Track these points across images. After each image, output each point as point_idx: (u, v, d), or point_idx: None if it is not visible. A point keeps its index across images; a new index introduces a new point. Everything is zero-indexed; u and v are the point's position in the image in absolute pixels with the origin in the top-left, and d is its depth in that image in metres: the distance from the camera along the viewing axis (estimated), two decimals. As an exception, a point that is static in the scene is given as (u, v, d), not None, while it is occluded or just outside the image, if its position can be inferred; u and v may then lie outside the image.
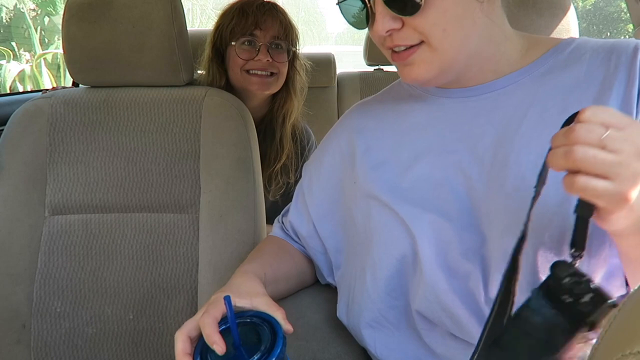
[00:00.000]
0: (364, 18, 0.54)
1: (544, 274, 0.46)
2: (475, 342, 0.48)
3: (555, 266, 0.40)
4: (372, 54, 1.69)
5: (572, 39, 0.55)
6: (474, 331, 0.50)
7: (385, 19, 0.50)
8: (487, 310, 0.50)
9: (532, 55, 0.55)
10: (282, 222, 0.74)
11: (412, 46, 0.51)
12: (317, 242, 0.67)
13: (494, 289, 0.49)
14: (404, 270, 0.55)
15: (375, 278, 0.56)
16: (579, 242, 0.40)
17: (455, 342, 0.52)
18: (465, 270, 0.51)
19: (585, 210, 0.39)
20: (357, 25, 0.55)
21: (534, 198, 0.42)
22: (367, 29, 0.55)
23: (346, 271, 0.63)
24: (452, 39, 0.50)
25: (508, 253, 0.42)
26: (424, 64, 0.52)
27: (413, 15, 0.49)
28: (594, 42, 0.54)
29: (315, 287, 0.74)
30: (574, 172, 0.37)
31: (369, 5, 0.52)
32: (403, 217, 0.54)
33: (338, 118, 1.92)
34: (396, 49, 0.52)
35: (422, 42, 0.51)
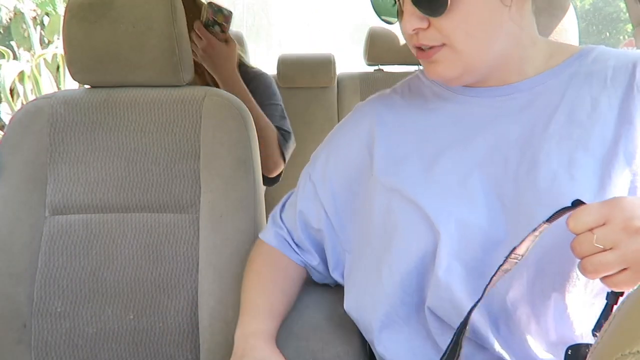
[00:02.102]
0: (395, 14, 0.55)
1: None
2: (483, 345, 0.48)
3: (572, 349, 0.43)
4: (372, 54, 1.69)
5: (592, 47, 0.57)
6: (483, 333, 0.51)
7: (412, 18, 0.51)
8: (500, 316, 0.51)
9: (556, 59, 0.56)
10: (282, 220, 0.71)
11: (434, 46, 0.52)
12: (331, 233, 0.66)
13: (513, 293, 0.50)
14: (422, 266, 0.55)
15: (392, 273, 0.56)
16: (601, 325, 0.43)
17: (463, 342, 0.52)
18: (484, 271, 0.51)
19: (612, 299, 0.44)
20: (387, 20, 0.57)
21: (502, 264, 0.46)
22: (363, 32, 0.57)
23: (358, 264, 0.62)
24: (475, 42, 0.51)
25: (529, 255, 0.45)
26: (447, 63, 0.53)
27: (438, 17, 0.50)
28: (616, 51, 0.56)
29: (315, 287, 0.74)
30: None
31: (399, 2, 0.53)
32: (428, 212, 0.53)
33: (338, 118, 1.93)
34: (422, 47, 0.54)
35: (444, 44, 0.52)
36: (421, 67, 2.00)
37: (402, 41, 1.66)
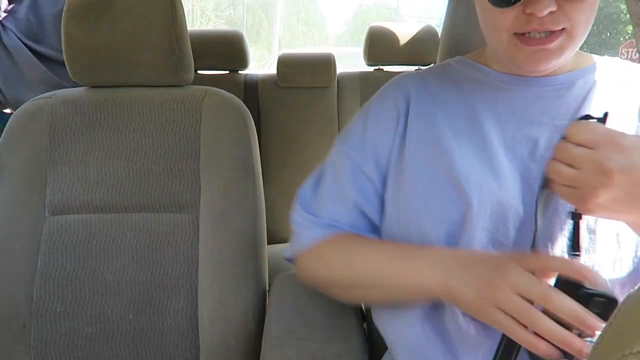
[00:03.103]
0: None
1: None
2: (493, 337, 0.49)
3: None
4: (372, 54, 1.69)
5: (606, 57, 0.61)
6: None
7: None
8: None
9: (582, 62, 0.59)
10: (317, 213, 0.65)
11: (553, 32, 0.51)
12: (362, 221, 0.64)
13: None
14: (452, 236, 0.55)
15: (424, 238, 0.57)
16: (575, 244, 0.48)
17: (475, 326, 0.53)
18: (511, 249, 0.52)
19: (574, 215, 0.48)
20: (498, 3, 0.51)
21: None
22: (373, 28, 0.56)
23: (393, 232, 0.61)
24: (586, 30, 0.52)
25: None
26: (559, 53, 0.52)
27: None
28: (631, 63, 0.61)
29: (316, 288, 0.74)
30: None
31: None
32: (462, 183, 0.54)
33: (338, 118, 1.93)
34: (531, 34, 0.51)
35: (564, 29, 0.51)
36: (421, 67, 2.01)
37: (402, 41, 1.66)
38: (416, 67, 1.74)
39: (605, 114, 0.46)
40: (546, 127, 0.55)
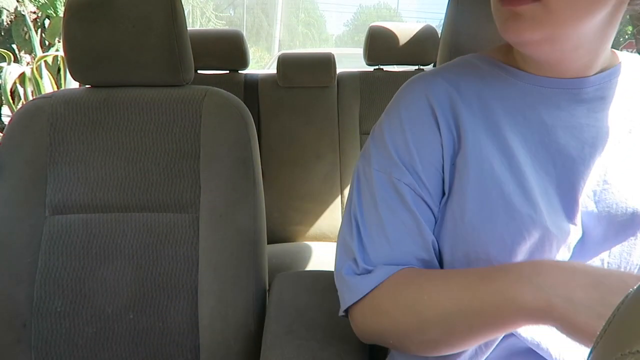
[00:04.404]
0: None
1: None
2: None
3: None
4: (372, 53, 1.69)
5: (624, 52, 0.59)
6: None
7: None
8: None
9: (613, 60, 0.57)
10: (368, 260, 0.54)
11: None
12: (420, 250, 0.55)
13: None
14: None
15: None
16: None
17: None
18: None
19: None
20: None
21: None
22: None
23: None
24: (576, 9, 0.45)
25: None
26: (532, 22, 0.47)
27: None
28: None
29: (315, 286, 0.74)
30: None
31: None
32: (538, 202, 0.50)
33: (338, 117, 1.93)
34: None
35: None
36: (421, 67, 2.00)
37: (402, 41, 1.66)
38: (416, 67, 1.74)
39: None
40: (598, 130, 0.52)
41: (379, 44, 1.67)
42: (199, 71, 1.71)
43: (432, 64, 1.71)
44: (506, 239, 0.49)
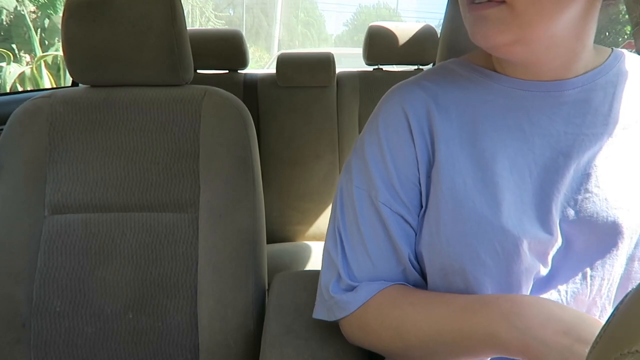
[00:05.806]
0: None
1: None
2: None
3: None
4: (372, 53, 1.69)
5: (620, 49, 0.56)
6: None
7: None
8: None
9: (600, 58, 0.55)
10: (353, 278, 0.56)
11: (492, 0, 0.46)
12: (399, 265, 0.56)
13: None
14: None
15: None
16: None
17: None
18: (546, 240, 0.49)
19: None
20: None
21: None
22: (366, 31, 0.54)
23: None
24: (541, 9, 0.45)
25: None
26: (499, 25, 0.46)
27: None
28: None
29: (315, 286, 0.74)
30: None
31: None
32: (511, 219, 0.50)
33: (338, 117, 1.92)
34: (475, 0, 0.47)
35: (503, 1, 0.46)
36: (421, 67, 2.00)
37: (402, 40, 1.66)
38: (415, 67, 1.74)
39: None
40: (575, 137, 0.51)
41: (379, 44, 1.67)
42: (198, 71, 1.71)
43: (432, 64, 1.71)
44: (480, 252, 0.49)
